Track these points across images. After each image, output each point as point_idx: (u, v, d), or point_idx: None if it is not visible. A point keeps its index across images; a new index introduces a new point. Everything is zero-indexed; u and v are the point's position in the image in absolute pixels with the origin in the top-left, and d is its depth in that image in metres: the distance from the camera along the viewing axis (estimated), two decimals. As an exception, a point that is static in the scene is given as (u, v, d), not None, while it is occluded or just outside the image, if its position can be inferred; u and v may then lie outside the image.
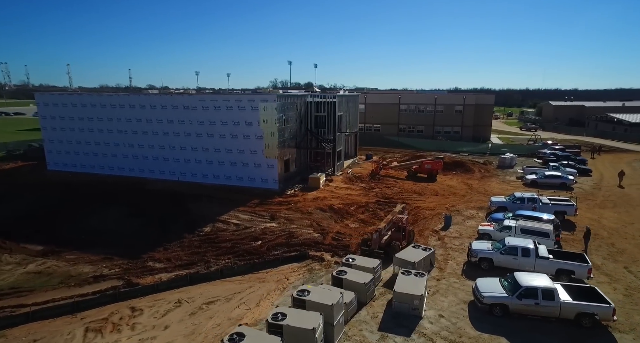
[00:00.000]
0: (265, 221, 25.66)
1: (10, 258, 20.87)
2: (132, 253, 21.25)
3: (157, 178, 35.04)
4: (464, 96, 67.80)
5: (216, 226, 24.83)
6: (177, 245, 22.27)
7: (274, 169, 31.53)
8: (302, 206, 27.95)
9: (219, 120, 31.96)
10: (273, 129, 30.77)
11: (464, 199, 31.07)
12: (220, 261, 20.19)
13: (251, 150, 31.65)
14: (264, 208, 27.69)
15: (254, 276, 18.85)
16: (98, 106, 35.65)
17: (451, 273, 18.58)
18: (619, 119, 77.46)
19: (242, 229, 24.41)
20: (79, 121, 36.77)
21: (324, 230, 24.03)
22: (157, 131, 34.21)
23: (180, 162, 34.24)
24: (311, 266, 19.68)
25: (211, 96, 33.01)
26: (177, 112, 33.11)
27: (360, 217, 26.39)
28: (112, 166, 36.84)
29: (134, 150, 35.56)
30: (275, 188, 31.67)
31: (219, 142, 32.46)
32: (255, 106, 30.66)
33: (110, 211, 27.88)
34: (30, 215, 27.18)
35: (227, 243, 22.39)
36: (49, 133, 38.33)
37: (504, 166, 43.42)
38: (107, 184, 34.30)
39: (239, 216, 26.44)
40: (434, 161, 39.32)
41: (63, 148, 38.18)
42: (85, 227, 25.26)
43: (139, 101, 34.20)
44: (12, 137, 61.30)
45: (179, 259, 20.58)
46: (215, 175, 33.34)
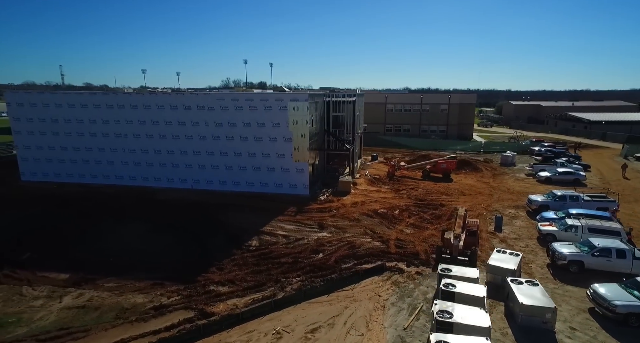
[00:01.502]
0: (314, 230, 23.66)
1: (34, 291, 17.08)
2: (182, 276, 18.35)
3: (165, 186, 31.39)
4: (449, 96, 69.56)
5: (263, 239, 22.41)
6: (230, 264, 19.65)
7: (304, 173, 29.43)
8: (346, 213, 26.26)
9: (240, 121, 29.18)
10: (304, 131, 28.66)
11: (494, 199, 31.14)
12: (291, 280, 18.02)
13: (278, 154, 29.27)
14: (306, 216, 25.61)
15: (340, 294, 16.95)
16: (90, 106, 31.10)
17: (544, 279, 18.03)
18: (578, 117, 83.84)
19: (294, 241, 22.24)
20: (65, 123, 31.87)
21: (381, 238, 22.61)
22: (165, 134, 30.57)
23: (194, 168, 30.89)
24: (394, 279, 18.19)
25: (232, 95, 30.07)
26: (189, 113, 29.76)
27: (409, 221, 25.27)
28: (108, 174, 32.43)
29: (136, 156, 31.53)
30: (306, 193, 29.60)
31: (240, 145, 29.67)
32: (284, 106, 28.34)
33: (128, 227, 24.26)
34: (25, 236, 22.84)
35: (287, 258, 20.18)
36: (23, 138, 32.87)
37: (507, 164, 44.69)
38: (107, 195, 30.04)
39: (284, 226, 24.16)
40: (449, 161, 39.36)
41: (43, 155, 32.95)
42: (104, 247, 21.62)
43: (144, 100, 30.31)
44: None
45: (243, 280, 18.07)
46: (235, 182, 30.49)
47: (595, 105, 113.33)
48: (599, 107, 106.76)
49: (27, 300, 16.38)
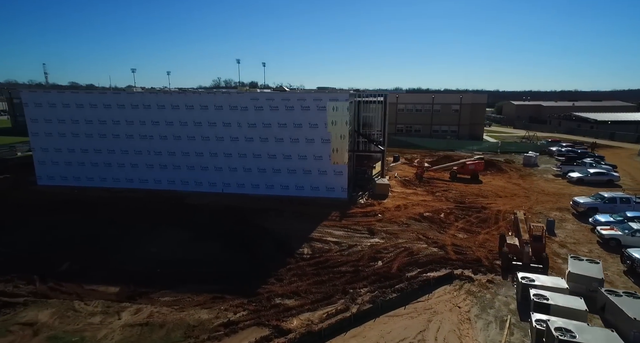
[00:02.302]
0: (365, 236, 22.58)
1: (87, 306, 15.71)
2: (241, 288, 17.12)
3: (193, 190, 29.98)
4: (460, 96, 69.06)
5: (315, 247, 21.25)
6: (288, 274, 18.46)
7: (343, 176, 28.33)
8: (392, 217, 25.24)
9: (275, 122, 27.95)
10: (343, 132, 27.56)
11: (532, 200, 30.43)
12: (359, 291, 16.91)
13: (315, 156, 28.11)
14: (352, 221, 24.51)
15: (417, 306, 15.92)
16: (114, 106, 29.54)
17: (627, 288, 17.19)
18: (584, 117, 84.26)
19: (347, 248, 21.12)
20: (86, 124, 30.24)
21: (436, 243, 21.65)
22: (194, 135, 29.16)
23: (224, 171, 29.54)
24: (467, 288, 17.23)
25: (267, 94, 28.80)
26: (221, 114, 28.42)
27: (458, 226, 24.36)
28: (132, 177, 30.87)
29: (162, 158, 30.04)
30: (344, 197, 28.50)
31: (274, 147, 28.42)
32: (323, 106, 27.20)
33: (166, 234, 22.87)
34: (59, 245, 21.34)
35: (346, 267, 19.07)
36: (41, 140, 31.11)
37: (530, 164, 44.19)
38: (133, 200, 28.52)
39: (332, 232, 23.02)
40: (476, 162, 38.63)
41: (61, 157, 31.23)
42: (146, 257, 20.23)
43: (171, 100, 28.86)
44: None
45: (308, 292, 16.90)
46: (269, 185, 29.22)
47: (596, 105, 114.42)
48: (600, 107, 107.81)
49: (83, 317, 15.01)
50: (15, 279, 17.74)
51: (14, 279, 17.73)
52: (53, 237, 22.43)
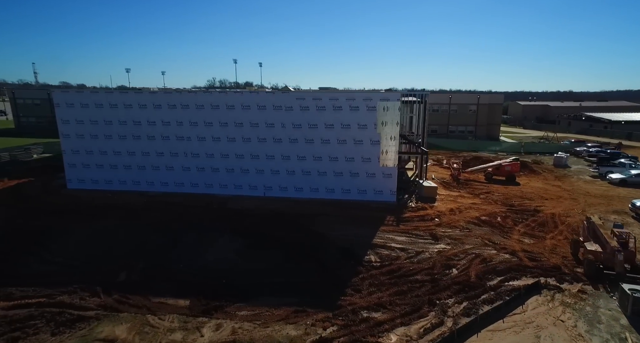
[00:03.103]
0: (429, 242, 21.56)
1: (162, 321, 14.50)
2: (320, 300, 16.02)
3: (232, 194, 28.77)
4: (478, 96, 68.49)
5: (381, 254, 20.18)
6: (364, 283, 17.35)
7: (392, 178, 27.30)
8: (450, 221, 24.27)
9: (322, 123, 26.86)
10: (394, 133, 26.55)
11: (581, 203, 29.59)
12: (446, 302, 15.89)
13: (364, 158, 27.05)
14: (410, 226, 23.49)
15: (515, 319, 14.90)
16: (150, 106, 28.27)
17: None
18: (597, 117, 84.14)
19: (414, 255, 20.08)
20: (120, 125, 28.93)
21: (505, 249, 20.70)
22: (235, 136, 27.98)
23: (266, 174, 28.38)
24: (561, 299, 16.25)
25: (314, 93, 27.65)
26: (264, 114, 27.27)
27: (520, 230, 23.43)
28: (167, 181, 29.60)
29: (200, 161, 28.82)
30: (392, 200, 27.47)
31: (320, 149, 27.33)
32: (373, 106, 26.17)
33: (219, 241, 21.66)
34: (107, 254, 20.10)
35: (421, 275, 18.03)
36: (72, 142, 29.72)
37: (560, 165, 43.53)
38: (173, 205, 27.24)
39: (394, 238, 21.98)
40: (512, 163, 37.86)
41: (93, 160, 29.87)
42: (205, 266, 19.02)
43: (211, 100, 27.64)
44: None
45: (393, 304, 15.82)
46: (314, 188, 28.12)
47: (604, 105, 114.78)
48: (610, 107, 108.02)
49: (162, 333, 13.81)
50: (78, 290, 16.52)
51: (77, 290, 16.50)
52: (101, 245, 21.17)
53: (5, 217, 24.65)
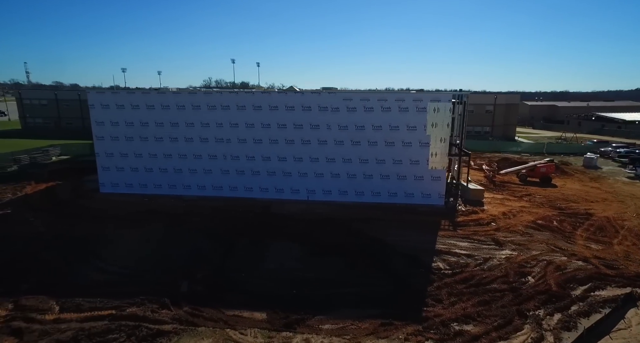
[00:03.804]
0: (493, 248, 20.86)
1: (244, 336, 13.71)
2: (401, 311, 15.25)
3: (274, 197, 27.93)
4: (495, 96, 67.98)
5: (448, 260, 19.45)
6: (442, 293, 16.59)
7: (441, 182, 26.61)
8: (507, 226, 23.60)
9: (369, 124, 26.09)
10: (444, 135, 25.86)
11: (630, 205, 28.94)
12: (536, 314, 15.16)
13: (412, 160, 26.32)
14: (469, 231, 22.81)
15: (623, 335, 14.13)
16: (188, 107, 27.34)
17: None
18: (610, 117, 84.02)
19: (483, 261, 19.36)
20: (157, 127, 27.96)
21: (575, 255, 20.03)
22: (277, 138, 27.13)
23: (309, 177, 27.56)
24: (656, 310, 15.59)
25: (361, 94, 26.86)
26: (308, 115, 26.46)
27: (582, 235, 22.78)
28: (204, 184, 28.69)
29: (240, 164, 27.93)
30: (440, 204, 26.78)
31: (367, 151, 26.55)
32: (423, 107, 25.44)
33: (274, 249, 20.81)
34: (161, 262, 19.21)
35: (498, 284, 17.33)
36: (106, 145, 28.73)
37: (590, 166, 43.05)
38: (216, 210, 26.31)
39: (456, 243, 21.27)
40: (548, 164, 37.31)
41: (127, 163, 28.90)
42: (269, 275, 18.20)
43: (254, 101, 26.78)
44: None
45: (481, 315, 15.10)
46: (359, 192, 27.34)
47: (610, 105, 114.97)
48: (616, 107, 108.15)
49: (252, 352, 13.01)
50: (145, 302, 15.65)
51: (145, 302, 15.63)
52: (152, 252, 20.28)
53: (46, 223, 23.66)
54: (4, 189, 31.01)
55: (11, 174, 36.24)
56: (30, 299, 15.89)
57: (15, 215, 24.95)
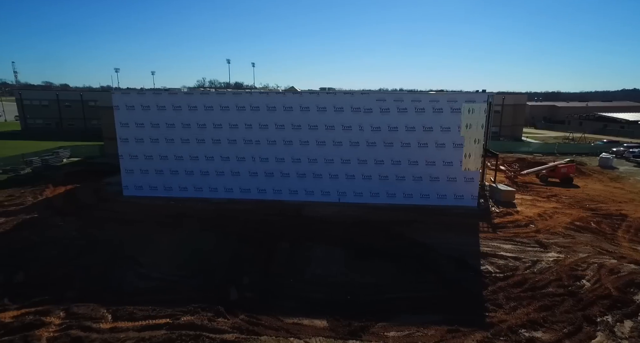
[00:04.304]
0: (538, 250, 20.64)
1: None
2: (463, 316, 14.92)
3: (303, 199, 27.50)
4: (503, 97, 68.16)
5: (497, 263, 19.18)
6: (499, 298, 16.27)
7: (474, 183, 26.39)
8: (546, 227, 23.42)
9: (403, 125, 25.79)
10: (479, 136, 25.65)
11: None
12: (605, 320, 14.87)
13: (445, 161, 26.08)
14: (509, 233, 22.58)
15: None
16: (216, 108, 26.81)
17: None
18: (613, 117, 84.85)
19: (531, 264, 19.10)
20: (183, 129, 27.39)
21: (624, 258, 19.85)
22: (308, 140, 26.72)
23: (340, 179, 27.17)
24: None
25: (395, 95, 26.56)
26: (341, 116, 26.08)
27: (624, 237, 22.67)
28: (231, 187, 28.16)
29: (269, 165, 27.46)
30: (473, 205, 26.57)
31: (400, 152, 26.25)
32: (457, 108, 25.21)
33: (316, 253, 20.36)
34: (202, 267, 18.68)
35: (553, 288, 17.02)
36: (130, 147, 28.07)
37: (607, 166, 43.26)
38: (246, 212, 25.78)
39: (500, 245, 21.02)
40: (568, 165, 37.38)
41: (152, 166, 28.26)
42: (318, 281, 17.76)
43: (284, 101, 26.33)
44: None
45: (546, 321, 14.77)
46: (390, 194, 27.02)
47: (609, 105, 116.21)
48: (615, 107, 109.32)
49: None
50: (199, 310, 15.14)
51: (198, 310, 15.12)
52: (191, 258, 19.69)
53: (77, 227, 22.98)
54: (22, 193, 30.20)
55: (26, 177, 35.37)
56: (81, 307, 15.31)
57: (42, 219, 24.21)
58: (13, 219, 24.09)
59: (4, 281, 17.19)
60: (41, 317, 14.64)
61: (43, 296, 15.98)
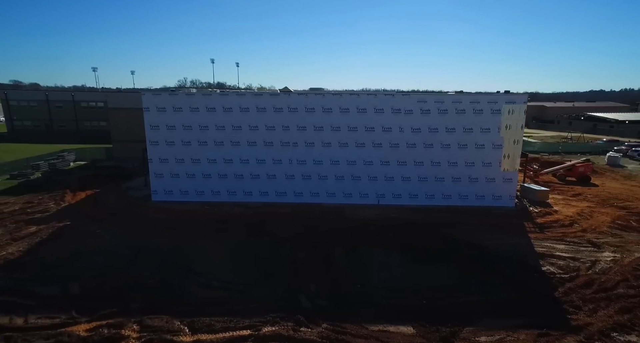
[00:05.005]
0: (592, 250, 20.89)
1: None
2: (545, 319, 14.88)
3: (341, 202, 27.13)
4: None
5: (556, 264, 19.29)
6: (573, 299, 16.36)
7: (512, 183, 26.62)
8: (590, 226, 23.79)
9: (443, 126, 25.78)
10: (517, 136, 25.90)
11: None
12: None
13: (484, 162, 26.21)
14: (557, 233, 22.84)
15: None
16: (252, 109, 26.10)
17: None
18: (602, 117, 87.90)
19: (591, 265, 19.25)
20: (217, 131, 26.55)
21: (681, 257, 20.37)
22: (347, 141, 26.36)
23: (379, 181, 26.92)
24: None
25: (436, 96, 26.47)
26: (381, 117, 25.84)
27: (672, 234, 23.28)
28: (267, 190, 27.51)
29: (307, 168, 26.95)
30: (511, 205, 26.82)
31: (439, 153, 26.22)
32: (497, 109, 25.37)
33: (374, 257, 20.03)
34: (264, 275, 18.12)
35: (623, 289, 17.10)
36: (161, 150, 27.01)
37: (615, 165, 44.66)
38: (289, 216, 25.19)
39: (553, 246, 21.20)
40: (585, 164, 38.31)
41: (183, 169, 27.30)
42: (385, 286, 17.44)
43: (323, 103, 25.89)
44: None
45: (632, 323, 14.80)
46: (429, 195, 26.96)
47: (594, 106, 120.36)
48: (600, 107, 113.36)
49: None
50: (278, 320, 14.59)
51: (278, 320, 14.56)
52: (247, 265, 19.06)
53: (116, 235, 21.89)
54: (40, 199, 28.66)
55: (38, 183, 33.62)
56: (154, 319, 14.51)
57: (77, 227, 22.97)
58: (45, 227, 22.78)
59: (61, 293, 16.22)
60: (117, 330, 13.86)
61: (108, 308, 15.14)
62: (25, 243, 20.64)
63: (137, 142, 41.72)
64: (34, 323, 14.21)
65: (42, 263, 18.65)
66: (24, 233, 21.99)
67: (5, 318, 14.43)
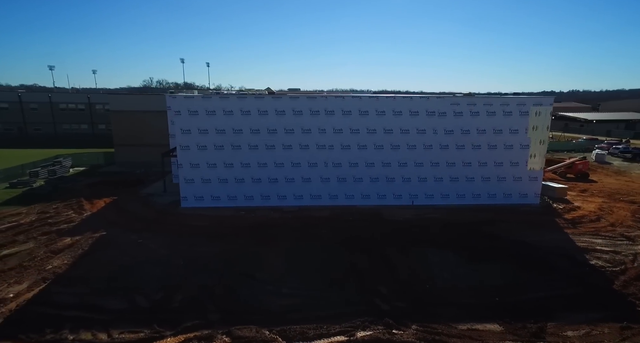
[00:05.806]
0: (628, 244, 22.15)
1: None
2: (616, 312, 15.73)
3: (375, 204, 27.42)
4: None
5: (601, 258, 20.44)
6: (630, 291, 17.45)
7: (537, 181, 27.93)
8: (616, 221, 25.35)
9: (474, 128, 26.64)
10: (543, 137, 27.22)
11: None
12: None
13: (512, 162, 27.33)
14: (589, 228, 24.20)
15: None
16: (288, 112, 25.80)
17: None
18: (573, 117, 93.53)
19: (634, 257, 20.33)
20: (252, 134, 25.98)
21: None
22: (382, 144, 26.63)
23: (412, 182, 27.40)
24: None
25: (468, 99, 27.19)
26: (416, 120, 26.32)
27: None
28: (301, 193, 27.25)
29: (342, 171, 26.96)
30: (536, 202, 28.15)
31: (470, 154, 27.07)
32: (525, 111, 26.55)
33: (428, 257, 20.40)
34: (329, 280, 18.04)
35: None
36: (192, 155, 26.08)
37: (602, 162, 47.82)
38: (329, 220, 25.11)
39: (591, 240, 22.45)
40: (583, 162, 40.76)
41: (215, 174, 26.52)
42: (453, 286, 17.88)
43: (360, 105, 26.00)
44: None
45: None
46: (460, 194, 27.76)
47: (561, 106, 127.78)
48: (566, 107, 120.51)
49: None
50: (368, 324, 14.55)
51: (368, 324, 14.51)
52: (309, 270, 18.83)
53: (162, 245, 20.93)
54: (55, 209, 26.89)
55: (45, 191, 31.49)
56: (242, 330, 14.10)
57: (116, 237, 21.76)
58: (81, 238, 21.44)
59: (130, 306, 15.38)
60: (208, 342, 13.37)
61: (189, 320, 14.57)
62: (68, 255, 19.35)
63: (140, 146, 40.32)
64: (119, 338, 13.47)
65: (96, 276, 17.58)
66: (60, 245, 20.60)
67: (86, 333, 13.61)
